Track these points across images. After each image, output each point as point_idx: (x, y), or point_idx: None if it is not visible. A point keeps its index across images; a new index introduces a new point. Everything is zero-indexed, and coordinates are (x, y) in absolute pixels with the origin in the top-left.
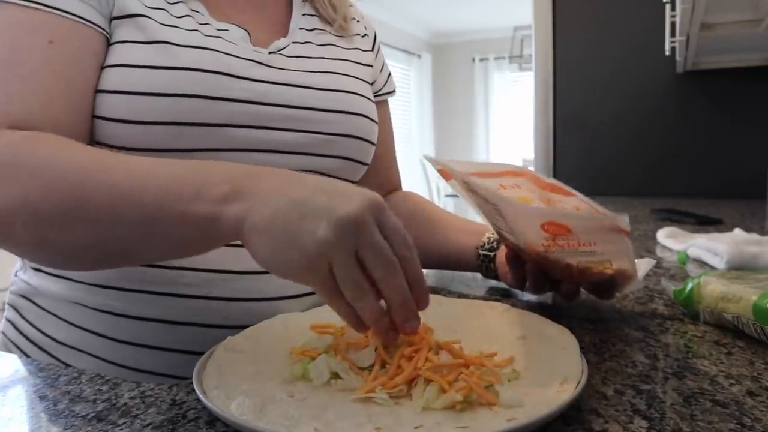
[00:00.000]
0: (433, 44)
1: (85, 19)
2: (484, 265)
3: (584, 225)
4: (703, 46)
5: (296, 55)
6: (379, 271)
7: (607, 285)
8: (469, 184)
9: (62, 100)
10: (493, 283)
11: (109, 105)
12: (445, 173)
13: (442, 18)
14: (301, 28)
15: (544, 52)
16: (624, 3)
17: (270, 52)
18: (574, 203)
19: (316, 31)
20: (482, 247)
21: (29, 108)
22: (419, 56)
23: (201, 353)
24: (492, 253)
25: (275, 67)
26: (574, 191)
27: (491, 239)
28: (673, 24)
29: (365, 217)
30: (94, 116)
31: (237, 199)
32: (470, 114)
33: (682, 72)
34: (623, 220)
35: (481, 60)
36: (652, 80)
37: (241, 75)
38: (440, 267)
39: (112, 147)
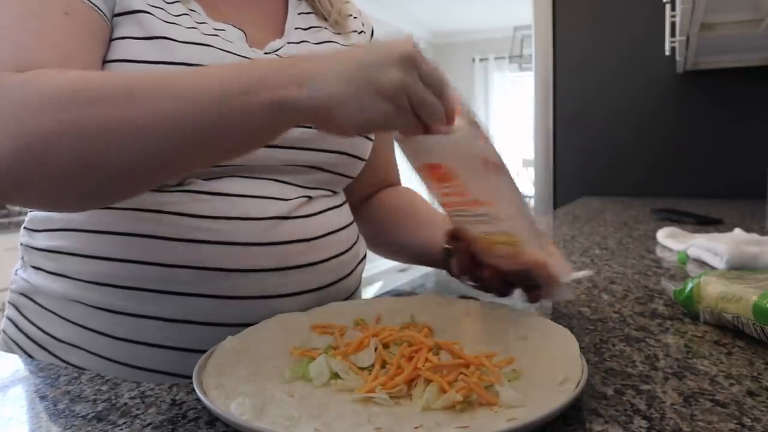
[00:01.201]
0: (433, 44)
1: (97, 7)
2: (447, 260)
3: (456, 157)
4: (703, 46)
5: (291, 55)
6: (439, 89)
7: (526, 279)
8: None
9: (80, 62)
10: None
11: None
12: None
13: (442, 18)
14: (296, 28)
15: (544, 52)
16: (624, 3)
17: (266, 53)
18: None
19: (312, 29)
20: (447, 242)
21: (46, 60)
22: None
23: (199, 351)
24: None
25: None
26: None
27: None
28: (673, 24)
29: (415, 53)
30: None
31: (301, 83)
32: None
33: (682, 72)
34: (492, 153)
35: (481, 60)
36: (652, 80)
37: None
38: (413, 262)
39: None
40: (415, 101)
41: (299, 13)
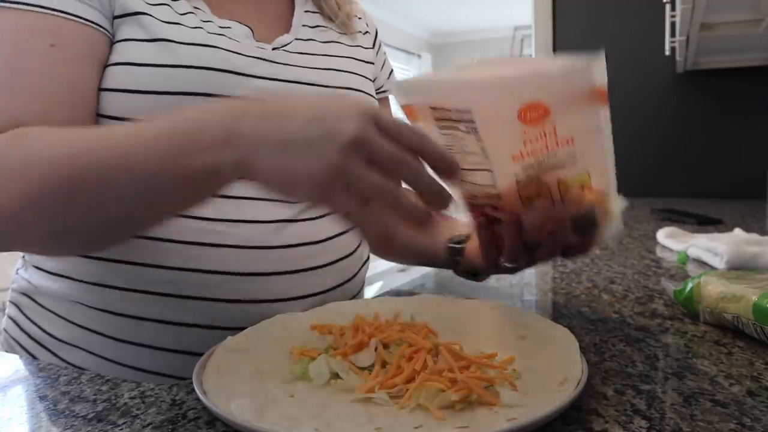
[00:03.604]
0: (433, 44)
1: (87, 20)
2: (452, 258)
3: (560, 93)
4: (703, 46)
5: (299, 51)
6: (399, 169)
7: (587, 222)
8: (435, 110)
9: (65, 104)
10: (494, 282)
11: (112, 103)
12: (410, 112)
13: (442, 18)
14: (303, 25)
15: (544, 52)
16: (624, 3)
17: (273, 48)
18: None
19: (318, 28)
20: (451, 240)
21: (32, 114)
22: (419, 56)
23: (201, 354)
24: (460, 245)
25: (279, 63)
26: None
27: (462, 234)
28: (673, 24)
29: (367, 131)
30: (99, 114)
31: (231, 144)
32: None
33: (682, 72)
34: (598, 71)
35: None
36: (652, 80)
37: (245, 72)
38: (415, 263)
39: None
40: (362, 185)
41: (306, 11)
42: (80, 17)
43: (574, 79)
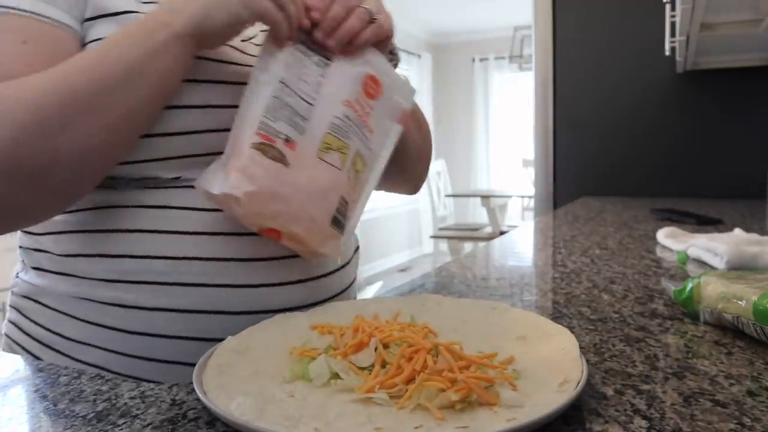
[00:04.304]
0: (433, 44)
1: (58, 21)
2: None
3: (390, 90)
4: (703, 46)
5: None
6: None
7: (342, 212)
8: (307, 34)
9: None
10: (494, 283)
11: None
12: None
13: (442, 18)
14: None
15: (544, 52)
16: (624, 3)
17: (242, 40)
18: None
19: None
20: None
21: None
22: (419, 56)
23: (214, 340)
24: None
25: (248, 54)
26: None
27: None
28: (673, 24)
29: None
30: None
31: (174, 16)
32: (470, 114)
33: (682, 72)
34: (408, 93)
35: (481, 60)
36: (652, 80)
37: (222, 59)
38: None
39: None
40: None
41: None
42: (52, 18)
43: (402, 90)
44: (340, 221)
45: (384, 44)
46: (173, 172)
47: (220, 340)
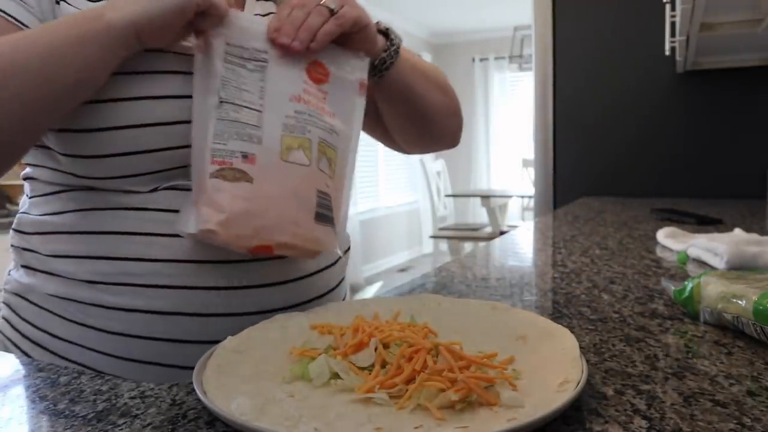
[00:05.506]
0: (433, 44)
1: (18, 21)
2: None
3: (340, 69)
4: (703, 46)
5: None
6: None
7: (326, 209)
8: (230, 46)
9: None
10: (494, 282)
11: None
12: (203, 39)
13: (442, 18)
14: (255, 14)
15: (544, 52)
16: (624, 3)
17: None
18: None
19: (271, 15)
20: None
21: None
22: (419, 56)
23: (191, 342)
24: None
25: None
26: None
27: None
28: (673, 24)
29: None
30: None
31: (114, 5)
32: (470, 114)
33: (682, 72)
34: (360, 63)
35: (481, 60)
36: (652, 80)
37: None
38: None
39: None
40: None
41: (258, 0)
42: (12, 16)
43: (351, 63)
44: (325, 215)
45: (360, 35)
46: (149, 186)
47: (199, 342)
